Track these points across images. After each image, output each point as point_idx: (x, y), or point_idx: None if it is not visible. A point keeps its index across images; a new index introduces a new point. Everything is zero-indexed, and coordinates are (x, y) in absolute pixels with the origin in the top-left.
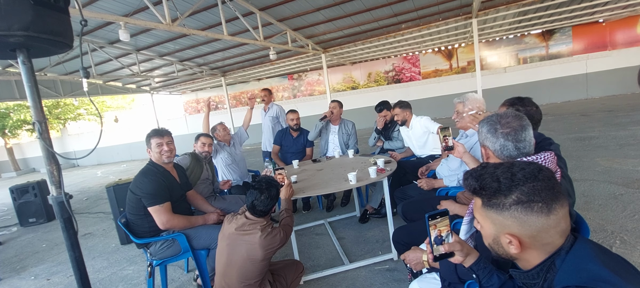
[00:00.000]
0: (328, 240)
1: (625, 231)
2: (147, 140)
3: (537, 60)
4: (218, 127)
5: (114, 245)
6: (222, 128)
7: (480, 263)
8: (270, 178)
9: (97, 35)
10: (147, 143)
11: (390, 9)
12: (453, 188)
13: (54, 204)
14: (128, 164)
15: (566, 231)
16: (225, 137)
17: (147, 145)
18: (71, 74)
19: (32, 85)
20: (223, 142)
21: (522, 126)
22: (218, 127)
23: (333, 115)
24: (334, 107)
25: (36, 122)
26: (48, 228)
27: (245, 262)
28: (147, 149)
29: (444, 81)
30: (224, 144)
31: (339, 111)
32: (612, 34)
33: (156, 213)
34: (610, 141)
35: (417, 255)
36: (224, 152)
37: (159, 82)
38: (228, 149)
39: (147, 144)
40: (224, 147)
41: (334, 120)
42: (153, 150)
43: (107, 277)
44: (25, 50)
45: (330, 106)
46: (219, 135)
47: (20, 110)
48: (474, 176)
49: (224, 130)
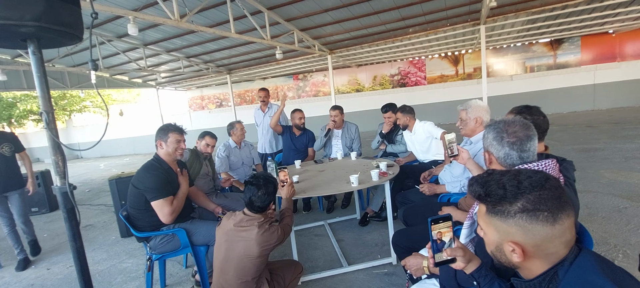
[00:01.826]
0: (327, 241)
1: (629, 245)
2: (163, 132)
3: (544, 69)
4: (237, 126)
5: (114, 237)
6: (240, 128)
7: (482, 271)
8: (268, 175)
9: (105, 29)
10: (162, 136)
11: (398, 12)
12: (455, 194)
13: (58, 194)
14: (131, 158)
15: (571, 242)
16: (240, 139)
17: (160, 138)
18: (79, 66)
19: (41, 75)
20: (235, 143)
21: (528, 136)
22: (238, 125)
23: (337, 122)
24: (336, 116)
25: (44, 112)
26: (50, 219)
27: (242, 259)
28: (160, 142)
29: (449, 87)
30: (235, 145)
31: (341, 118)
32: (622, 45)
33: (159, 207)
34: (616, 153)
35: (418, 261)
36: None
37: (165, 78)
38: (236, 152)
39: (161, 136)
40: (233, 149)
41: (338, 126)
42: (169, 145)
43: (106, 269)
44: (36, 40)
45: (332, 115)
46: (236, 134)
47: (27, 100)
48: (479, 182)
49: (242, 131)
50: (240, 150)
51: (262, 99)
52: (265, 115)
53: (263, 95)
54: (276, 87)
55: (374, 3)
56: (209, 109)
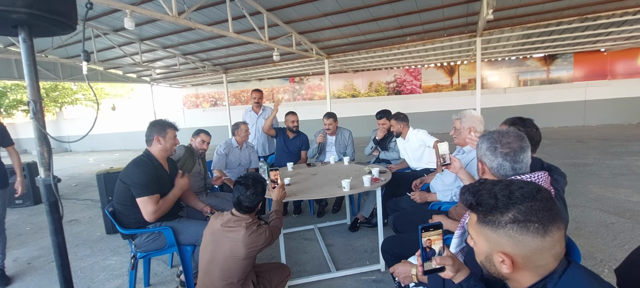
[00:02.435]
0: (316, 246)
1: (614, 260)
2: (161, 128)
3: (537, 84)
4: (242, 127)
5: (99, 233)
6: (245, 130)
7: (471, 281)
8: (257, 175)
9: (102, 22)
10: (160, 132)
11: (396, 20)
12: (446, 203)
13: (41, 186)
14: (121, 153)
15: (560, 255)
16: (243, 140)
17: (158, 133)
18: (72, 57)
19: (30, 63)
20: (237, 143)
21: (521, 147)
22: (243, 126)
23: (330, 129)
24: (330, 124)
25: (31, 101)
26: (34, 212)
27: (227, 259)
28: (157, 137)
29: (444, 96)
30: (236, 145)
31: (335, 125)
32: (613, 63)
33: (144, 204)
34: (604, 169)
35: (407, 268)
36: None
37: (160, 74)
38: (236, 152)
39: (159, 132)
40: (234, 148)
41: (332, 133)
42: (167, 141)
43: (89, 266)
44: (27, 27)
45: (326, 123)
46: (240, 135)
47: (17, 89)
48: (471, 191)
49: (247, 133)
50: (241, 151)
51: (257, 100)
52: (258, 117)
53: (258, 97)
54: (272, 89)
55: (373, 10)
56: (203, 107)
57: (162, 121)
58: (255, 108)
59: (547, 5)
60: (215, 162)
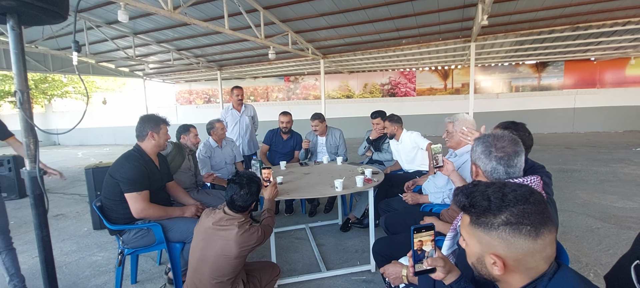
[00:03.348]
0: (307, 245)
1: (600, 265)
2: (154, 123)
3: (528, 90)
4: (217, 125)
5: (86, 229)
6: (221, 127)
7: (461, 282)
8: (252, 174)
9: (94, 14)
10: (153, 127)
11: (393, 23)
12: (437, 205)
13: (26, 179)
14: (111, 148)
15: (551, 258)
16: (220, 137)
17: (152, 129)
18: (63, 49)
19: (18, 52)
20: (215, 142)
21: (515, 152)
22: (218, 124)
23: (318, 130)
24: (316, 125)
25: (18, 91)
26: (19, 205)
27: (218, 258)
28: (151, 133)
29: (437, 100)
30: (216, 145)
31: (322, 126)
32: (602, 72)
33: (132, 200)
34: (591, 176)
35: (397, 269)
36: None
37: (153, 69)
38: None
39: (153, 127)
40: (214, 148)
41: (321, 133)
42: (160, 137)
43: (75, 261)
44: (16, 15)
45: (312, 125)
46: (216, 133)
47: (5, 80)
48: (464, 193)
49: (223, 130)
50: (222, 149)
51: (240, 98)
52: (241, 115)
53: (240, 94)
54: (267, 87)
55: (370, 12)
56: (196, 104)
57: (154, 116)
58: (236, 106)
59: (540, 13)
60: (201, 168)
